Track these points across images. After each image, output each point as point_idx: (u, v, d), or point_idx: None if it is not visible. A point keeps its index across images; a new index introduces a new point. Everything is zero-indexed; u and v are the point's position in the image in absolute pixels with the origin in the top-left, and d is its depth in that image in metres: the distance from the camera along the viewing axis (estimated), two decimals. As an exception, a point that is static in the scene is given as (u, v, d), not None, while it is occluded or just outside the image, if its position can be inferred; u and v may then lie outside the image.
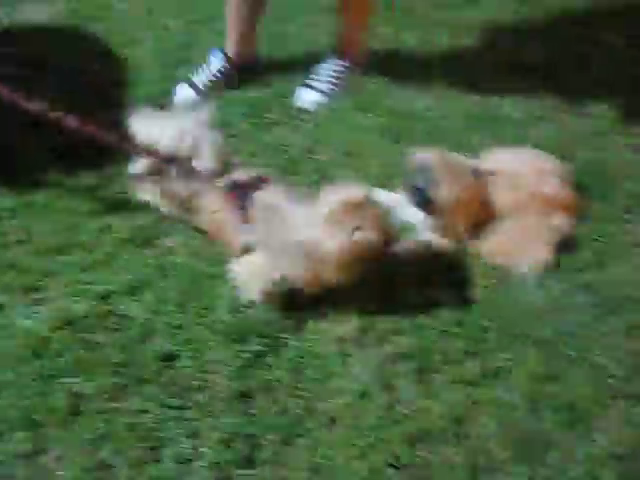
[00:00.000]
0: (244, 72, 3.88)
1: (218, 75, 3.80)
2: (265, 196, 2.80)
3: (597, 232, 3.18)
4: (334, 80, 3.90)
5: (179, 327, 2.78)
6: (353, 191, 2.62)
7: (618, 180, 3.40)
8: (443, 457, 2.51)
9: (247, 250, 2.73)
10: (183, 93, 3.75)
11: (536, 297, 2.95)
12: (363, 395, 2.65)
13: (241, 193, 2.72)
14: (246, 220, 2.75)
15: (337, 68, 3.87)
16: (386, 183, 3.36)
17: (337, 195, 2.61)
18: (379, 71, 4.10)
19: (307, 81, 3.93)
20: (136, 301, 2.83)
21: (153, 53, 3.83)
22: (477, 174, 3.06)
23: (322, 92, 3.81)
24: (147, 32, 3.97)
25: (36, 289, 2.86)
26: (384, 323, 2.86)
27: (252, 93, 3.98)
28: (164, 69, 3.77)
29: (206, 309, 2.83)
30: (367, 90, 3.91)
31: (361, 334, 2.82)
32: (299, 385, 2.68)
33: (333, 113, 3.76)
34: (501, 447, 2.54)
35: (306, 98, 3.80)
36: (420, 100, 3.89)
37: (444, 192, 3.02)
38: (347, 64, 3.88)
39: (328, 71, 3.86)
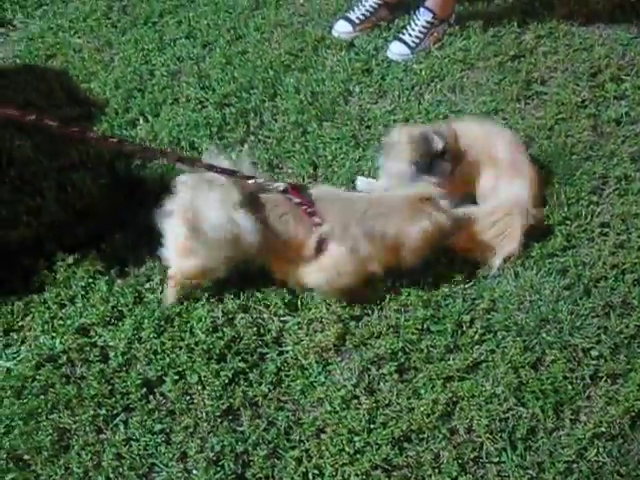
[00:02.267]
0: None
1: (371, 9, 4.13)
2: (323, 190, 2.89)
3: (566, 215, 3.18)
4: (422, 34, 4.02)
5: (159, 352, 2.79)
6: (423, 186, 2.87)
7: (582, 162, 3.41)
8: (432, 455, 2.51)
9: (322, 246, 2.76)
10: (340, 27, 4.10)
11: (512, 287, 2.95)
12: (347, 401, 2.68)
13: (299, 191, 2.76)
14: (314, 216, 2.75)
15: (426, 21, 4.01)
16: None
17: (408, 189, 2.81)
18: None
19: (399, 35, 4.06)
20: (115, 331, 2.84)
21: (113, 85, 3.85)
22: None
23: (409, 46, 4.00)
24: (104, 65, 3.99)
25: (15, 329, 2.85)
26: (361, 328, 2.87)
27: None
28: (126, 101, 3.77)
29: (185, 332, 2.83)
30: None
31: (340, 341, 2.82)
32: (283, 398, 2.71)
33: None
34: (489, 439, 2.55)
35: (395, 50, 3.98)
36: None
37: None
38: (436, 17, 4.03)
39: (418, 25, 4.01)
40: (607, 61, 3.91)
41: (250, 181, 2.70)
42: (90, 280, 2.97)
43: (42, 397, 2.64)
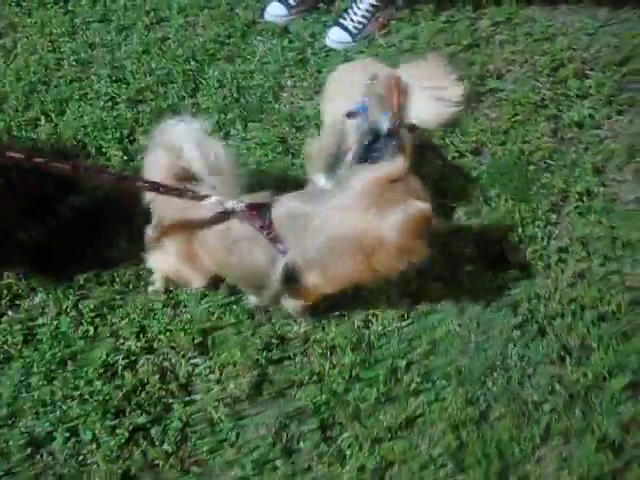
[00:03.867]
0: None
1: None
2: (283, 206, 2.29)
3: (520, 238, 2.79)
4: (365, 19, 3.57)
5: (49, 404, 2.40)
6: (385, 167, 2.18)
7: (540, 173, 2.99)
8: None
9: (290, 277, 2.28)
10: (274, 10, 3.62)
11: (456, 325, 2.59)
12: (261, 466, 2.31)
13: (259, 211, 2.26)
14: (276, 240, 2.26)
15: (370, 5, 3.56)
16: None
17: (365, 175, 2.16)
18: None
19: (340, 19, 3.60)
20: (0, 376, 2.44)
21: (14, 77, 3.35)
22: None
23: (350, 32, 3.54)
24: (5, 52, 3.48)
25: None
26: (281, 374, 2.48)
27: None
28: (27, 96, 3.27)
29: (80, 378, 2.45)
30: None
31: (256, 390, 2.44)
32: (188, 460, 2.33)
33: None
34: (423, 514, 2.18)
35: (335, 37, 3.53)
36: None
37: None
38: (381, 1, 3.59)
39: (361, 8, 3.56)
40: (570, 53, 3.48)
41: (204, 201, 2.28)
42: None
43: None
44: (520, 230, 2.83)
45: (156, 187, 2.31)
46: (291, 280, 2.29)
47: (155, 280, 2.69)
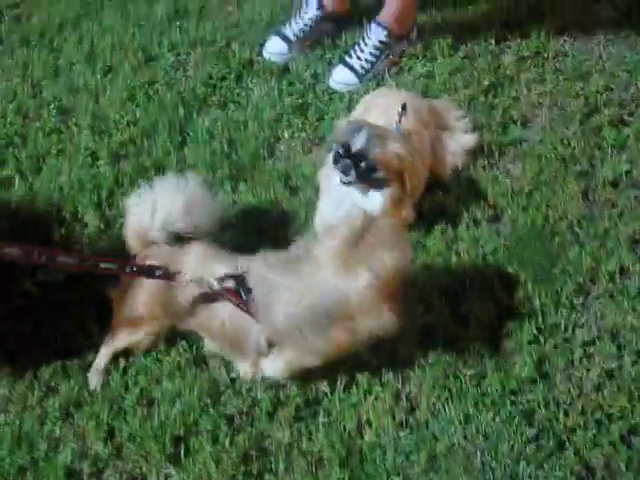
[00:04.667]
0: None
1: (311, 25, 3.34)
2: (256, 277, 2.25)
3: (539, 329, 2.50)
4: (373, 57, 3.28)
5: None
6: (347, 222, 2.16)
7: (566, 247, 2.66)
8: None
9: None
10: (275, 47, 3.35)
11: (460, 437, 2.30)
12: None
13: (236, 284, 2.24)
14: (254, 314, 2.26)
15: (379, 42, 3.27)
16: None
17: (331, 236, 2.17)
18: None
19: (345, 57, 3.32)
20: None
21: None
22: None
23: (357, 72, 3.27)
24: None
25: None
26: None
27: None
28: (2, 150, 3.08)
29: None
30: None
31: None
32: None
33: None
34: None
35: (340, 78, 3.25)
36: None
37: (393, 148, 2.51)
38: (392, 35, 3.28)
39: (369, 45, 3.26)
40: (606, 96, 3.11)
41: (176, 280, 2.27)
42: None
43: None
44: (540, 318, 2.51)
45: (123, 268, 2.25)
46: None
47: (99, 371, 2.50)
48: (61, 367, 2.51)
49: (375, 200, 2.56)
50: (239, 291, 2.23)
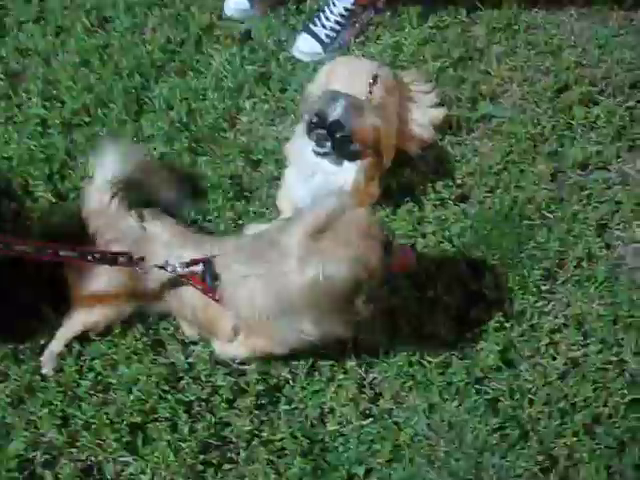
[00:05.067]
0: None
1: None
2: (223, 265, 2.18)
3: (505, 316, 2.50)
4: (339, 25, 3.16)
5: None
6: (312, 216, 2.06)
7: (534, 230, 2.65)
8: None
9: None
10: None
11: (424, 425, 2.30)
12: None
13: (202, 270, 2.17)
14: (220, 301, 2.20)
15: (344, 8, 3.15)
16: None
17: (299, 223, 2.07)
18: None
19: (309, 25, 3.19)
20: None
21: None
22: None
23: (322, 41, 3.14)
24: None
25: None
26: None
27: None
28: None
29: None
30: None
31: None
32: None
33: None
34: None
35: (304, 47, 3.13)
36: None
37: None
38: (358, 3, 3.15)
39: (334, 13, 3.14)
40: (578, 72, 3.06)
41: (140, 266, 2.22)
42: None
43: None
44: (506, 304, 2.49)
45: (84, 256, 2.17)
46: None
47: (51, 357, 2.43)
48: (12, 351, 2.42)
49: (348, 173, 2.47)
50: (204, 276, 2.17)
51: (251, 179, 2.79)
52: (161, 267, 2.18)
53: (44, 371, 2.42)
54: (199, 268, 2.19)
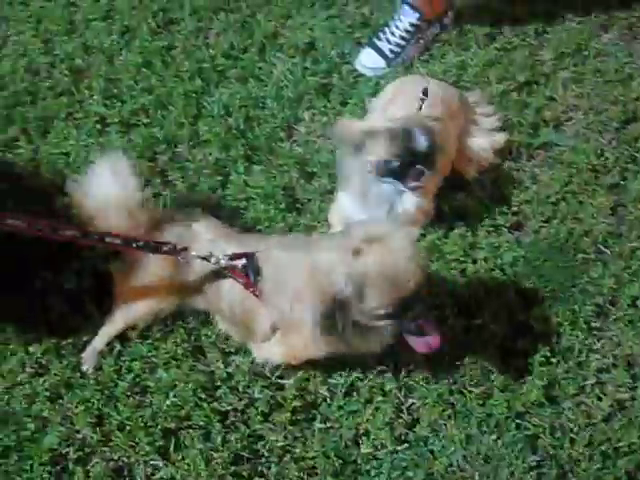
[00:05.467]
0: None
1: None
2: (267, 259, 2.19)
3: (552, 351, 2.46)
4: (404, 41, 3.16)
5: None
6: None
7: (588, 265, 2.59)
8: None
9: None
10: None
11: (459, 457, 2.27)
12: None
13: (248, 267, 2.19)
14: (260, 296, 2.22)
15: (410, 24, 3.14)
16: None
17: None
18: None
19: (374, 39, 3.19)
20: None
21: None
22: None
23: (385, 56, 3.14)
24: None
25: None
26: None
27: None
28: (10, 109, 3.01)
29: (23, 473, 2.24)
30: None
31: None
32: None
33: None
34: None
35: (367, 62, 3.14)
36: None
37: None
38: (424, 18, 3.15)
39: (399, 28, 3.15)
40: (647, 103, 2.98)
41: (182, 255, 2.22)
42: None
43: None
44: (554, 339, 2.44)
45: (129, 243, 2.18)
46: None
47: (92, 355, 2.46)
48: (54, 346, 2.46)
49: (410, 200, 2.48)
50: (247, 270, 2.17)
51: (304, 191, 2.78)
52: (204, 258, 2.19)
53: (84, 368, 2.45)
54: (242, 262, 2.19)
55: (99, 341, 2.47)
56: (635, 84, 3.05)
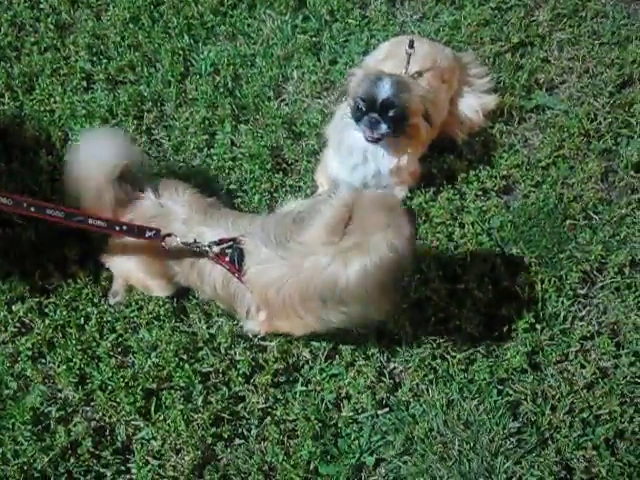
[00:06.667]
0: None
1: None
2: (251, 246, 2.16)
3: (536, 316, 2.47)
4: None
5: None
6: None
7: (577, 230, 2.60)
8: None
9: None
10: None
11: (440, 422, 2.30)
12: None
13: (233, 253, 2.17)
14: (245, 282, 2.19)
15: None
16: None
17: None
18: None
19: None
20: None
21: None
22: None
23: None
24: None
25: None
26: (227, 456, 2.29)
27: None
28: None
29: (4, 430, 2.30)
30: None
31: (196, 473, 2.27)
32: None
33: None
34: None
35: None
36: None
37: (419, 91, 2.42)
38: None
39: None
40: (643, 67, 2.94)
41: (172, 240, 2.21)
42: None
43: None
44: (539, 305, 2.44)
45: (113, 226, 2.21)
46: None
47: (116, 292, 2.50)
48: (37, 304, 2.48)
49: (393, 154, 2.48)
50: (232, 257, 2.16)
51: (291, 151, 2.76)
52: (189, 245, 2.19)
53: (111, 301, 2.50)
54: (225, 246, 2.18)
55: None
56: (632, 47, 3.01)
